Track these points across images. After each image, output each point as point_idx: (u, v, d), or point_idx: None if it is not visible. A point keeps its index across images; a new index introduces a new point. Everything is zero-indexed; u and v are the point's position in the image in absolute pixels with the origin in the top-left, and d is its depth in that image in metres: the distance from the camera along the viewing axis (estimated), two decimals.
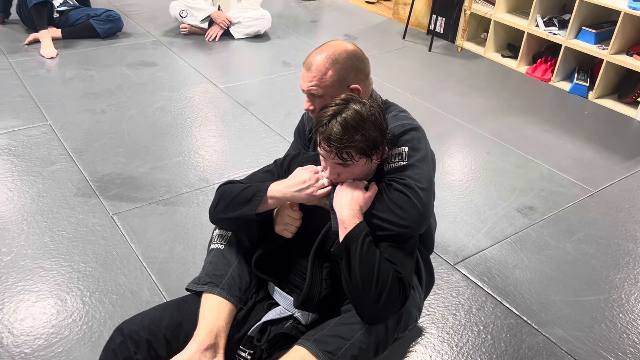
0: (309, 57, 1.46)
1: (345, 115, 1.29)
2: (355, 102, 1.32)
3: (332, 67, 1.43)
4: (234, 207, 1.43)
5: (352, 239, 1.30)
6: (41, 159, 2.51)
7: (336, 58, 1.44)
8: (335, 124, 1.28)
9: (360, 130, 1.28)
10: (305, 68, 1.46)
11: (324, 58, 1.43)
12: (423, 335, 1.77)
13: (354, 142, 1.28)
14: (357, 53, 1.48)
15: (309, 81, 1.45)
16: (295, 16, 4.71)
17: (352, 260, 1.30)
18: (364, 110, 1.30)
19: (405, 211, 1.33)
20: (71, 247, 2.02)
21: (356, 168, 1.35)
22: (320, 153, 1.36)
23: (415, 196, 1.33)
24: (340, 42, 1.49)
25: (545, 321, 1.86)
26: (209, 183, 2.44)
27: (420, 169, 1.38)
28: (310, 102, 1.48)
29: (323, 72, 1.43)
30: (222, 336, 1.39)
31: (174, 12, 4.03)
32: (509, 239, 2.24)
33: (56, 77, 3.31)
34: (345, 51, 1.45)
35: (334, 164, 1.34)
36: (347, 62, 1.45)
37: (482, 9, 4.06)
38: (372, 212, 1.35)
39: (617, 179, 2.71)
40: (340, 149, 1.29)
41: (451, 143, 2.94)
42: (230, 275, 1.48)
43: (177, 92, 3.22)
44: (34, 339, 1.66)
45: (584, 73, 3.66)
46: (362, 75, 1.48)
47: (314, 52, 1.47)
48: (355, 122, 1.28)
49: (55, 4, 3.78)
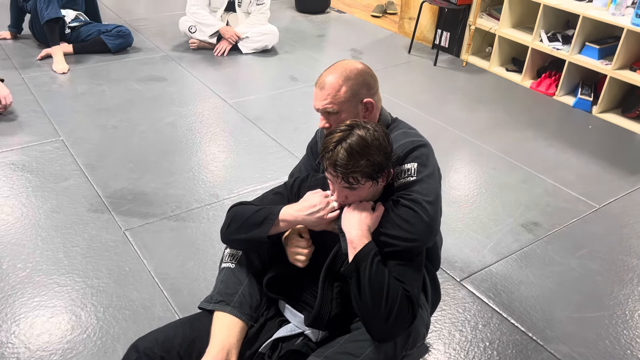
0: (321, 77, 1.52)
1: (350, 141, 1.33)
2: (360, 128, 1.36)
3: (345, 84, 1.48)
4: (245, 229, 1.47)
5: (362, 259, 1.34)
6: (54, 175, 2.57)
7: (348, 75, 1.49)
8: (340, 150, 1.33)
9: (365, 156, 1.33)
10: (319, 88, 1.51)
11: (336, 76, 1.49)
12: (430, 351, 1.80)
13: (359, 167, 1.32)
14: (366, 70, 1.54)
15: (323, 99, 1.50)
16: (302, 30, 4.78)
17: (362, 280, 1.33)
18: (368, 135, 1.34)
19: (412, 225, 1.37)
20: (85, 262, 2.07)
21: (363, 191, 1.39)
22: (328, 177, 1.40)
23: (422, 210, 1.37)
24: (349, 61, 1.55)
25: (550, 337, 1.89)
26: (218, 198, 2.48)
27: (428, 184, 1.42)
28: (325, 120, 1.53)
29: (337, 89, 1.48)
30: (234, 353, 1.43)
31: (183, 27, 4.10)
32: (514, 255, 2.27)
33: (68, 92, 3.37)
34: (356, 68, 1.51)
35: (341, 187, 1.38)
36: (358, 78, 1.50)
37: (486, 24, 4.11)
38: (380, 230, 1.39)
39: (621, 194, 2.74)
40: (346, 174, 1.33)
41: (456, 158, 2.98)
42: (241, 294, 1.52)
43: (186, 107, 3.28)
44: (50, 354, 1.70)
45: (588, 88, 3.70)
46: (373, 90, 1.54)
47: (325, 72, 1.52)
48: (359, 147, 1.33)
49: (67, 20, 3.85)
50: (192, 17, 4.05)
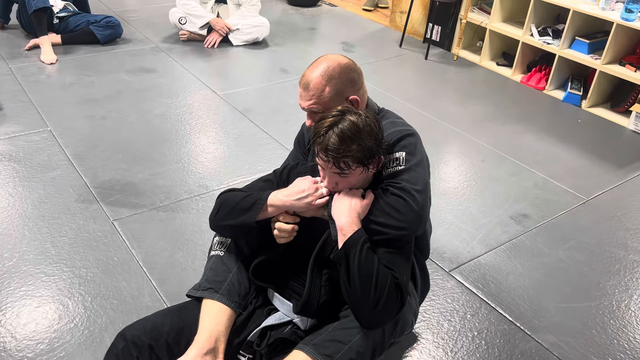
0: (305, 76, 1.49)
1: (342, 126, 1.33)
2: (351, 114, 1.36)
3: (328, 83, 1.46)
4: (234, 215, 1.47)
5: (351, 246, 1.34)
6: (42, 165, 2.54)
7: (331, 73, 1.47)
8: (332, 135, 1.32)
9: (357, 141, 1.33)
10: (302, 87, 1.49)
11: (319, 75, 1.46)
12: (418, 340, 1.81)
13: (351, 151, 1.33)
14: (350, 65, 1.51)
15: (308, 100, 1.49)
16: (293, 23, 4.76)
17: (351, 267, 1.34)
18: (359, 121, 1.34)
19: (402, 213, 1.37)
20: (72, 252, 2.05)
21: (353, 177, 1.39)
22: (319, 163, 1.40)
23: (411, 198, 1.38)
24: (332, 56, 1.52)
25: (538, 327, 1.90)
26: (208, 189, 2.47)
27: (416, 172, 1.43)
28: (311, 119, 1.52)
29: (321, 89, 1.46)
30: (222, 340, 1.42)
31: (173, 18, 4.07)
32: (503, 246, 2.28)
33: (56, 82, 3.34)
34: (339, 65, 1.48)
35: (332, 173, 1.38)
36: (342, 76, 1.48)
37: (477, 18, 4.12)
38: (369, 218, 1.40)
39: (609, 187, 2.76)
40: (337, 159, 1.33)
41: (447, 151, 2.99)
42: (229, 281, 1.51)
43: (176, 99, 3.26)
44: (37, 343, 1.69)
45: (578, 82, 3.72)
46: (357, 86, 1.52)
47: (309, 70, 1.50)
48: (351, 132, 1.33)
49: (55, 10, 3.81)
50: (182, 8, 4.02)
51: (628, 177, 2.86)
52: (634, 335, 1.90)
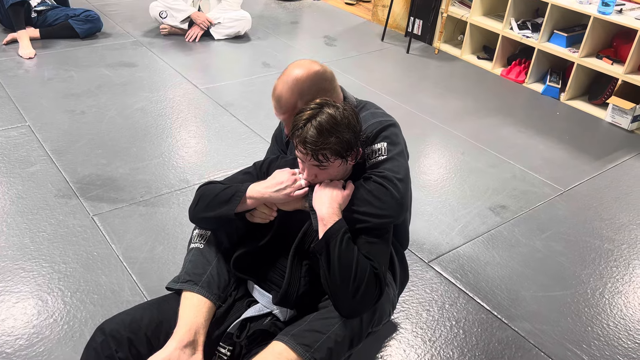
0: (276, 89, 1.48)
1: (320, 119, 1.35)
2: (330, 106, 1.37)
3: (300, 99, 1.46)
4: (213, 207, 1.48)
5: (332, 236, 1.36)
6: (20, 160, 2.52)
7: (301, 88, 1.45)
8: (310, 127, 1.34)
9: (335, 133, 1.34)
10: (275, 100, 1.50)
11: (289, 91, 1.45)
12: (397, 330, 1.83)
13: (329, 144, 1.34)
14: (319, 74, 1.48)
15: (281, 114, 1.51)
16: (276, 17, 4.75)
17: (332, 256, 1.35)
18: (337, 113, 1.36)
19: (383, 202, 1.40)
20: (52, 248, 2.04)
21: (332, 169, 1.41)
22: (298, 155, 1.41)
23: (393, 186, 1.40)
24: (301, 66, 1.48)
25: (514, 316, 1.93)
26: (189, 184, 2.47)
27: (398, 162, 1.46)
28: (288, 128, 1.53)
29: (292, 105, 1.47)
30: (201, 333, 1.43)
31: (154, 12, 4.04)
32: (481, 237, 2.31)
33: (35, 77, 3.30)
34: (307, 77, 1.46)
35: (311, 165, 1.40)
36: (312, 88, 1.46)
37: (458, 11, 4.15)
38: (351, 207, 1.42)
39: (585, 178, 2.81)
40: (315, 151, 1.35)
41: (427, 144, 3.02)
42: (209, 274, 1.52)
43: (157, 93, 3.24)
44: (15, 339, 1.68)
45: (556, 75, 3.77)
46: (329, 93, 1.51)
47: (280, 82, 1.48)
48: (329, 125, 1.34)
49: (33, 3, 3.76)
50: (162, 2, 3.99)
51: (604, 169, 2.91)
52: (608, 322, 1.95)
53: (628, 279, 2.16)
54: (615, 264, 2.23)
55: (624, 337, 1.89)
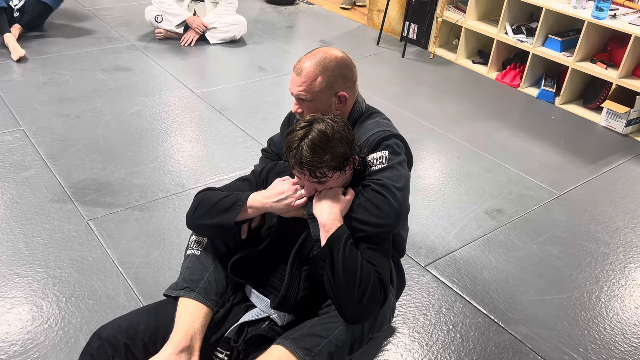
0: (300, 62, 1.51)
1: (312, 136, 1.34)
2: (319, 122, 1.37)
3: (321, 74, 1.48)
4: (212, 214, 1.47)
5: (335, 242, 1.36)
6: (15, 165, 2.50)
7: (326, 65, 1.48)
8: (304, 147, 1.34)
9: (328, 150, 1.34)
10: (296, 73, 1.50)
11: (314, 64, 1.48)
12: (395, 334, 1.83)
13: (324, 161, 1.34)
14: (345, 61, 1.53)
15: (298, 85, 1.50)
16: (271, 22, 4.75)
17: (336, 263, 1.35)
18: (327, 129, 1.35)
19: (382, 210, 1.39)
20: (46, 253, 2.02)
21: (332, 182, 1.41)
22: (295, 174, 1.41)
23: (391, 195, 1.40)
24: (330, 49, 1.54)
25: (511, 320, 1.93)
26: (184, 188, 2.46)
27: (398, 170, 1.45)
28: (298, 106, 1.53)
29: (313, 78, 1.48)
30: (198, 338, 1.42)
31: (149, 16, 4.03)
32: (477, 241, 2.31)
33: (29, 81, 3.29)
34: (335, 59, 1.50)
35: (310, 182, 1.39)
36: (336, 70, 1.50)
37: (453, 16, 4.16)
38: (350, 215, 1.41)
39: (581, 182, 2.82)
40: (313, 170, 1.35)
41: (423, 148, 3.02)
42: (206, 280, 1.51)
43: (152, 97, 3.23)
44: (10, 345, 1.67)
45: (551, 79, 3.79)
46: (349, 82, 1.54)
47: (305, 57, 1.51)
48: (322, 142, 1.34)
49: (14, 5, 3.75)
50: (158, 6, 3.99)
51: (599, 172, 2.92)
52: (604, 325, 1.95)
53: (624, 282, 2.16)
54: (611, 267, 2.23)
55: (620, 340, 1.90)
